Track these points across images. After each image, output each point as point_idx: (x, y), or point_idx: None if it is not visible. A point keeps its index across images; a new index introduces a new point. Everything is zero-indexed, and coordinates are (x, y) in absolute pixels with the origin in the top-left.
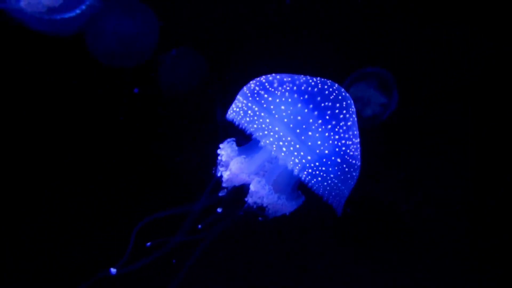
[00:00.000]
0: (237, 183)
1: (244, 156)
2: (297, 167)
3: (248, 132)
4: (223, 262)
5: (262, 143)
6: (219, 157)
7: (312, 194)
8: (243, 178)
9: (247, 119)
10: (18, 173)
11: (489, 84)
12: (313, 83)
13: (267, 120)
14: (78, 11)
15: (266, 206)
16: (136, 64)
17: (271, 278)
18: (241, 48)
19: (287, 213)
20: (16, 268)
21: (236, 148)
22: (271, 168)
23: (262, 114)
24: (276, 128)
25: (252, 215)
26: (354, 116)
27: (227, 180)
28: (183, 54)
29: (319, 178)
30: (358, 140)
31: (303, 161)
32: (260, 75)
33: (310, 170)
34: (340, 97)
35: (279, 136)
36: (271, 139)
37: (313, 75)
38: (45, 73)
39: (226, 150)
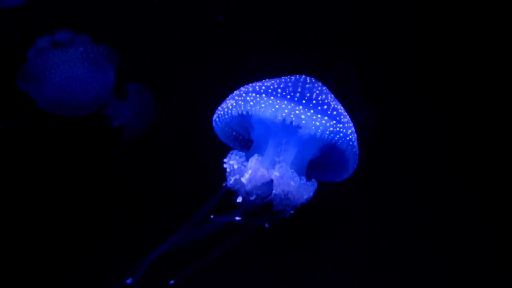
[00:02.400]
0: (259, 182)
1: (257, 154)
2: (320, 130)
3: (256, 115)
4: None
5: (279, 117)
6: (228, 168)
7: None
8: (263, 173)
9: (251, 103)
10: None
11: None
12: (286, 77)
13: (272, 98)
14: None
15: (292, 192)
16: (82, 114)
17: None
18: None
19: (311, 196)
20: None
21: (243, 153)
22: (282, 159)
23: (264, 95)
24: (285, 102)
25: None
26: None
27: (249, 180)
28: (133, 92)
29: (341, 135)
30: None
31: (323, 121)
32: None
33: (331, 129)
34: (313, 79)
35: (292, 107)
36: (286, 111)
37: None
38: None
39: (234, 159)
